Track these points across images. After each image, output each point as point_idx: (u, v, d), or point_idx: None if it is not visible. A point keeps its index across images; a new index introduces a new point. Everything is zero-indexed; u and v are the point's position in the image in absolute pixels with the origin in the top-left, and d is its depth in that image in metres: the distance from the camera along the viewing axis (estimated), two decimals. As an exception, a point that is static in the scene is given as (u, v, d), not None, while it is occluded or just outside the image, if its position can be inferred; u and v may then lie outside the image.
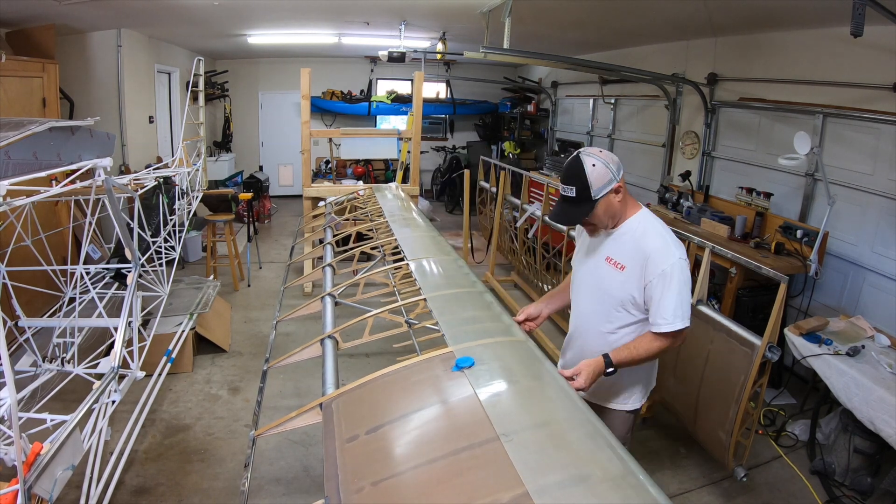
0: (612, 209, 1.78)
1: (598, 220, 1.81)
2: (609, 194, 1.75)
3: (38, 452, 1.75)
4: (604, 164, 1.73)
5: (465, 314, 2.02)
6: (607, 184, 1.73)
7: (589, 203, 1.75)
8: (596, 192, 1.73)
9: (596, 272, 1.89)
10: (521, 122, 9.23)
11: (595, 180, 1.72)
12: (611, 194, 1.75)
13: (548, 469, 1.20)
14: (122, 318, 2.56)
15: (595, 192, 1.73)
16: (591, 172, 1.72)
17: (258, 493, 2.71)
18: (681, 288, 1.70)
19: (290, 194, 9.80)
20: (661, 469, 3.00)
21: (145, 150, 6.22)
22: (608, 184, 1.74)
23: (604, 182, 1.73)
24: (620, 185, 1.77)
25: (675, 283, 1.69)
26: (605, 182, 1.73)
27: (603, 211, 1.78)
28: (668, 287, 1.70)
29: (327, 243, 3.52)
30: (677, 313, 1.70)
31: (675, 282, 1.69)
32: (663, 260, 1.70)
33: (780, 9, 3.81)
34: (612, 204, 1.77)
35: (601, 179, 1.73)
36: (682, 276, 1.70)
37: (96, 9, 4.55)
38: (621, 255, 1.81)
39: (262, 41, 7.14)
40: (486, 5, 4.18)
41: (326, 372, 1.88)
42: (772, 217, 4.20)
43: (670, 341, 1.75)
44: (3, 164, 2.02)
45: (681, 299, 1.70)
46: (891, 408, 2.46)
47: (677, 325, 1.70)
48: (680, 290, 1.70)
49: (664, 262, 1.70)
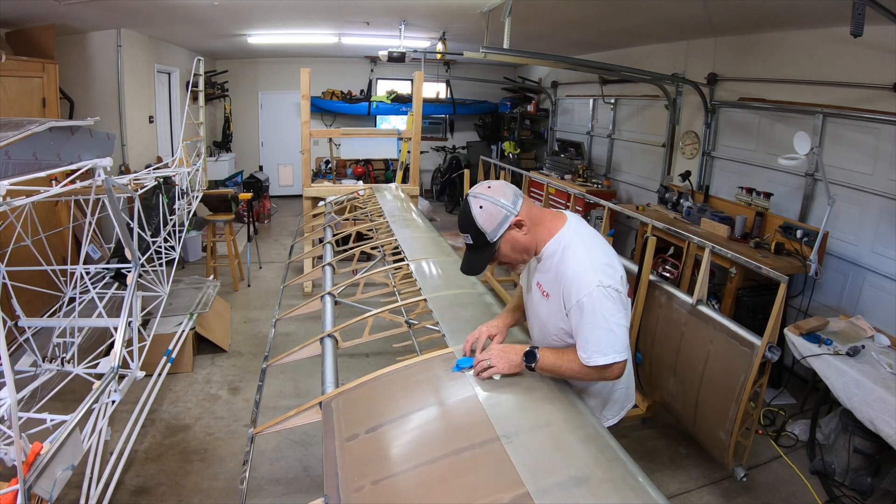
0: (519, 245, 1.59)
1: (508, 258, 1.62)
2: (509, 231, 1.56)
3: (38, 452, 1.75)
4: (492, 203, 1.54)
5: (465, 315, 2.02)
6: (503, 221, 1.55)
7: (488, 247, 1.57)
8: (491, 234, 1.55)
9: (533, 300, 1.74)
10: (521, 122, 9.23)
11: (486, 223, 1.54)
12: (511, 230, 1.56)
13: (548, 470, 1.20)
14: (122, 318, 2.56)
15: (491, 235, 1.55)
16: (480, 215, 1.54)
17: (258, 493, 2.71)
18: (597, 320, 1.48)
19: (290, 194, 9.80)
20: (661, 469, 3.00)
21: (145, 150, 6.22)
22: (504, 221, 1.55)
23: (497, 222, 1.54)
24: (521, 219, 1.56)
25: (589, 314, 1.49)
26: (499, 221, 1.54)
27: (509, 249, 1.59)
28: (584, 319, 1.50)
29: (327, 243, 3.52)
30: (597, 348, 1.49)
31: (589, 313, 1.49)
32: (578, 289, 1.50)
33: (780, 9, 3.81)
34: (518, 240, 1.58)
35: (493, 220, 1.54)
36: (600, 307, 1.48)
37: (96, 9, 4.55)
38: (546, 282, 1.64)
39: (262, 41, 7.14)
40: (486, 5, 4.18)
41: (326, 371, 1.89)
42: (772, 217, 4.19)
43: (596, 374, 1.54)
44: (3, 164, 2.02)
45: (599, 333, 1.49)
46: (891, 408, 2.46)
47: (597, 361, 1.49)
48: (596, 322, 1.48)
49: (579, 291, 1.50)
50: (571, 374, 1.56)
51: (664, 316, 3.08)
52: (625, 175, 6.78)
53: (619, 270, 1.57)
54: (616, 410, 1.85)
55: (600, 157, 7.25)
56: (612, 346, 1.50)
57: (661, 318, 3.10)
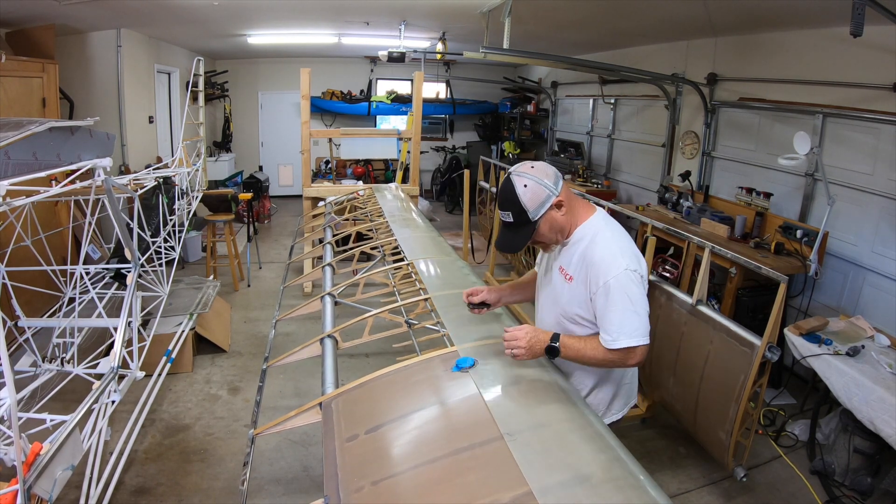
0: (557, 225, 1.65)
1: (545, 238, 1.68)
2: (549, 211, 1.61)
3: (38, 452, 1.74)
4: (536, 182, 1.59)
5: (465, 314, 2.02)
6: (545, 201, 1.60)
7: (529, 225, 1.62)
8: (534, 213, 1.60)
9: (551, 283, 1.78)
10: (520, 122, 9.23)
11: (529, 201, 1.58)
12: (552, 210, 1.62)
13: (551, 469, 1.20)
14: (122, 318, 2.56)
15: (533, 214, 1.60)
16: (524, 194, 1.58)
17: (258, 493, 2.71)
18: (625, 302, 1.53)
19: (290, 194, 9.80)
20: (661, 469, 3.00)
21: (145, 150, 6.22)
22: (546, 201, 1.60)
23: (540, 201, 1.59)
24: (561, 199, 1.62)
25: (617, 296, 1.54)
26: (542, 200, 1.59)
27: (548, 229, 1.65)
28: (610, 301, 1.55)
29: (327, 243, 3.52)
30: (622, 330, 1.53)
31: (617, 295, 1.54)
32: (606, 271, 1.55)
33: (780, 9, 3.81)
34: (556, 220, 1.64)
35: (536, 199, 1.59)
36: (627, 289, 1.53)
37: (96, 9, 4.55)
38: (570, 265, 1.68)
39: (262, 41, 7.14)
40: (486, 5, 4.18)
41: (326, 371, 1.88)
42: (772, 217, 4.20)
43: (619, 357, 1.57)
44: (3, 164, 2.02)
45: (624, 315, 1.53)
46: (891, 408, 2.46)
47: (621, 343, 1.53)
48: (623, 304, 1.53)
49: (607, 273, 1.55)
50: (594, 361, 1.60)
51: (664, 316, 3.08)
52: (625, 175, 6.78)
53: (643, 260, 1.65)
54: (620, 405, 1.87)
55: (600, 157, 7.25)
56: (636, 329, 1.54)
57: (660, 318, 3.10)
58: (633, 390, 1.91)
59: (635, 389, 1.92)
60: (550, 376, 1.63)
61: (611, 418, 1.85)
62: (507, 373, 1.62)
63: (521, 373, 1.62)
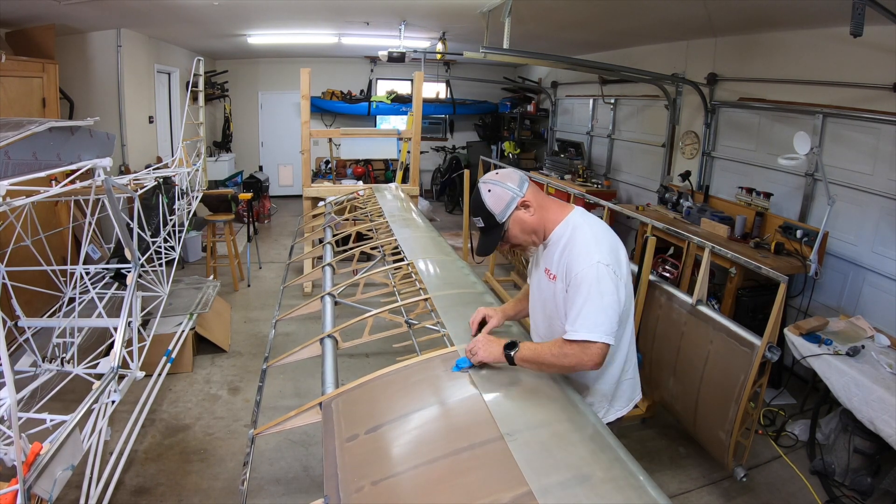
0: (527, 225, 1.69)
1: (518, 238, 1.71)
2: (516, 212, 1.67)
3: (38, 452, 1.74)
4: (500, 186, 1.67)
5: (465, 314, 2.02)
6: (510, 203, 1.66)
7: (498, 228, 1.68)
8: (500, 215, 1.66)
9: (540, 286, 1.79)
10: (520, 122, 9.23)
11: (494, 204, 1.66)
12: (518, 211, 1.67)
13: (551, 469, 1.20)
14: (122, 318, 2.56)
15: (500, 216, 1.66)
16: (489, 198, 1.66)
17: (258, 493, 2.71)
18: (591, 294, 1.51)
19: (290, 194, 9.80)
20: (661, 469, 3.00)
21: (145, 150, 6.22)
22: (511, 202, 1.66)
23: (505, 203, 1.66)
24: (527, 200, 1.67)
25: (584, 287, 1.52)
26: (507, 202, 1.66)
27: (518, 230, 1.69)
28: (578, 291, 1.54)
29: (327, 243, 3.52)
30: (584, 322, 1.49)
31: (584, 286, 1.52)
32: (580, 262, 1.57)
33: (780, 9, 3.81)
34: (525, 220, 1.68)
35: (501, 202, 1.66)
36: (596, 282, 1.52)
37: (96, 9, 4.55)
38: (552, 264, 1.70)
39: (262, 41, 7.14)
40: (486, 5, 4.18)
41: (326, 371, 1.88)
42: (772, 217, 4.20)
43: (575, 354, 1.50)
44: (3, 164, 2.02)
45: (590, 307, 1.50)
46: (891, 408, 2.46)
47: (580, 335, 1.48)
48: (589, 295, 1.51)
49: (581, 264, 1.56)
50: (552, 360, 1.54)
51: (664, 316, 3.08)
52: (625, 175, 6.78)
53: (623, 256, 1.65)
54: (624, 402, 1.85)
55: (600, 157, 7.25)
56: (600, 325, 1.49)
57: (660, 318, 3.10)
58: (635, 386, 1.88)
59: (638, 385, 1.90)
60: (549, 377, 1.63)
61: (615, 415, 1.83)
62: (507, 373, 1.62)
63: (520, 373, 1.62)
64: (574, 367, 1.54)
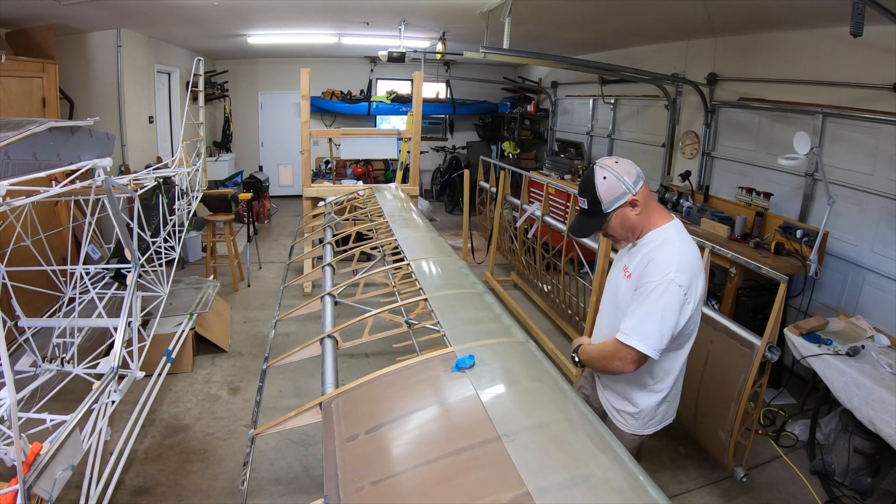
0: (628, 222, 1.69)
1: (615, 232, 1.73)
2: (623, 208, 1.67)
3: (38, 452, 1.74)
4: (616, 177, 1.65)
5: (465, 315, 2.02)
6: (620, 197, 1.65)
7: (600, 216, 1.68)
8: (607, 205, 1.66)
9: (615, 284, 1.82)
10: (520, 122, 9.23)
11: (605, 194, 1.65)
12: (625, 208, 1.67)
13: (549, 469, 1.20)
14: (122, 318, 2.56)
15: (606, 206, 1.66)
16: (601, 185, 1.65)
17: (258, 493, 2.71)
18: (653, 307, 1.54)
19: (290, 194, 9.80)
20: (661, 469, 3.00)
21: (145, 150, 6.22)
22: (621, 197, 1.65)
23: (615, 195, 1.65)
24: (637, 199, 1.66)
25: (652, 296, 1.56)
26: (618, 195, 1.65)
27: (619, 224, 1.69)
28: (644, 298, 1.57)
29: (327, 243, 3.52)
30: (637, 329, 1.55)
31: (653, 295, 1.56)
32: (656, 272, 1.59)
33: (780, 9, 3.81)
34: (629, 217, 1.68)
35: (612, 193, 1.65)
36: (663, 297, 1.54)
37: (96, 9, 4.55)
38: (633, 265, 1.72)
39: (262, 41, 7.14)
40: (486, 5, 4.18)
41: (326, 371, 1.88)
42: (772, 217, 4.20)
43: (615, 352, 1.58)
44: (3, 164, 2.02)
45: (649, 317, 1.54)
46: (891, 408, 2.46)
47: (630, 341, 1.54)
48: (651, 308, 1.55)
49: (656, 274, 1.58)
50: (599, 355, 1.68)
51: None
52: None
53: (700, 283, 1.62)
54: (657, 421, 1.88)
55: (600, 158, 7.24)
56: (651, 336, 1.54)
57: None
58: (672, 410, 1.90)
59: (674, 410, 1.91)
60: (549, 377, 1.63)
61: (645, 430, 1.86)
62: (505, 373, 1.61)
63: (519, 373, 1.62)
64: (610, 366, 1.62)
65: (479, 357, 1.67)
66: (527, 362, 1.66)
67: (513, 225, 5.38)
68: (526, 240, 5.08)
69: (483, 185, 6.45)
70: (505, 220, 5.58)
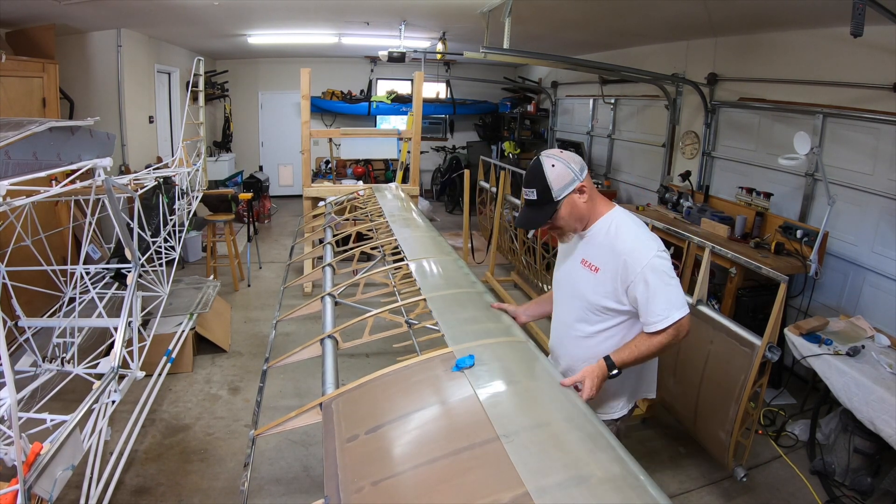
0: (577, 210, 1.72)
1: (564, 222, 1.74)
2: (572, 194, 1.69)
3: (38, 452, 1.74)
4: (564, 165, 1.68)
5: (465, 314, 2.02)
6: (569, 183, 1.67)
7: (551, 205, 1.69)
8: (557, 192, 1.67)
9: (572, 276, 1.82)
10: (521, 122, 9.23)
11: (555, 180, 1.66)
12: (574, 194, 1.69)
13: (548, 469, 1.20)
14: (122, 318, 2.56)
15: (556, 193, 1.67)
16: (551, 173, 1.66)
17: (258, 493, 2.71)
18: (666, 281, 1.63)
19: (290, 194, 9.80)
20: (661, 469, 3.00)
21: (145, 150, 6.22)
22: (570, 183, 1.67)
23: (565, 182, 1.67)
24: (584, 185, 1.69)
25: (657, 279, 1.62)
26: (567, 182, 1.67)
27: (568, 212, 1.71)
28: (651, 286, 1.63)
29: (327, 243, 3.52)
30: (671, 305, 1.62)
31: (657, 278, 1.62)
32: (641, 258, 1.63)
33: (780, 9, 3.81)
34: (577, 205, 1.71)
35: (562, 179, 1.67)
36: (662, 270, 1.63)
37: (96, 9, 4.55)
38: (595, 257, 1.74)
39: (262, 41, 7.14)
40: (486, 5, 4.18)
41: (326, 372, 1.88)
42: (772, 217, 4.19)
43: (671, 335, 1.65)
44: (3, 164, 2.02)
45: (668, 292, 1.63)
46: (891, 408, 2.46)
47: (674, 317, 1.62)
48: (666, 283, 1.63)
49: (642, 260, 1.63)
50: (649, 351, 1.68)
51: (664, 316, 3.07)
52: (625, 175, 6.78)
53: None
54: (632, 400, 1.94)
55: (600, 157, 7.25)
56: (678, 301, 1.63)
57: (661, 318, 3.10)
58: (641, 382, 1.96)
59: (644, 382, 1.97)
60: (548, 377, 1.63)
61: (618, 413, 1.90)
62: (504, 374, 1.61)
63: (519, 373, 1.62)
64: (671, 346, 1.69)
65: (479, 357, 1.67)
66: (526, 362, 1.66)
67: (513, 225, 5.38)
68: (526, 240, 5.08)
69: (483, 185, 6.45)
70: (505, 220, 5.58)
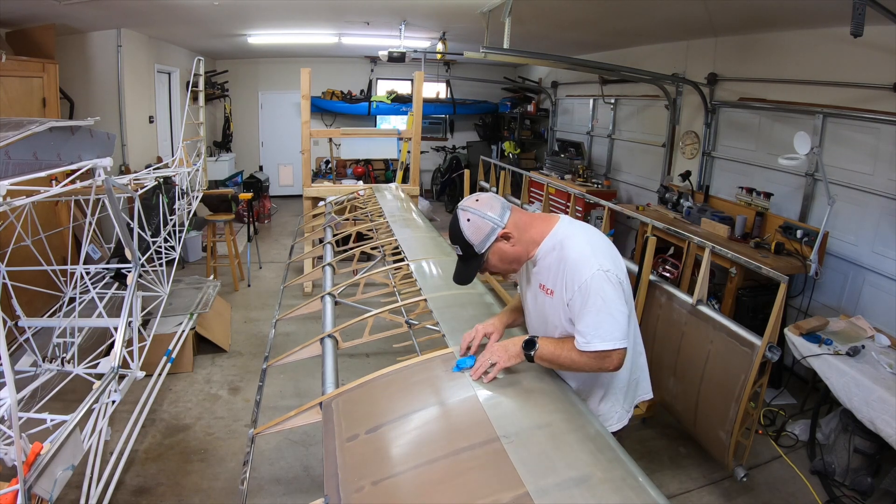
0: (507, 256, 1.61)
1: (497, 268, 1.65)
2: (496, 243, 1.59)
3: (38, 452, 1.75)
4: (479, 216, 1.57)
5: (465, 315, 2.02)
6: (489, 234, 1.57)
7: (477, 258, 1.61)
8: (479, 246, 1.58)
9: (536, 302, 1.72)
10: (521, 122, 9.23)
11: (473, 235, 1.57)
12: (498, 243, 1.59)
13: (548, 470, 1.20)
14: (122, 318, 2.56)
15: (479, 247, 1.58)
16: (467, 228, 1.57)
17: (258, 493, 2.71)
18: (598, 304, 1.48)
19: (290, 194, 9.79)
20: (661, 469, 3.00)
21: (145, 150, 6.22)
22: (490, 234, 1.57)
23: (484, 234, 1.57)
24: (508, 231, 1.58)
25: (591, 298, 1.49)
26: (486, 233, 1.57)
27: (497, 260, 1.62)
28: (584, 303, 1.50)
29: (327, 243, 3.52)
30: (595, 332, 1.48)
31: (591, 297, 1.49)
32: (580, 273, 1.51)
33: (780, 9, 3.81)
34: (505, 251, 1.60)
35: (480, 233, 1.57)
36: (601, 290, 1.48)
37: (96, 9, 4.55)
38: (548, 279, 1.63)
39: (262, 41, 7.14)
40: (486, 5, 4.18)
41: (326, 371, 1.89)
42: (772, 217, 4.19)
43: (594, 363, 1.52)
44: (3, 164, 2.02)
45: (599, 317, 1.48)
46: (891, 408, 2.46)
47: (595, 346, 1.48)
48: (597, 306, 1.48)
49: (581, 275, 1.50)
50: (570, 364, 1.54)
51: (664, 316, 3.08)
52: (625, 175, 6.77)
53: (616, 254, 1.60)
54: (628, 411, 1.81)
55: (600, 157, 7.25)
56: (612, 332, 1.48)
57: (661, 318, 3.10)
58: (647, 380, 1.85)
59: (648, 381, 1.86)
60: (548, 377, 1.63)
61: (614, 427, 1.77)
62: (504, 374, 1.61)
63: (517, 374, 1.62)
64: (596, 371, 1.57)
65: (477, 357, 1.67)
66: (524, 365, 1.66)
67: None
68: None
69: (483, 185, 6.45)
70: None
